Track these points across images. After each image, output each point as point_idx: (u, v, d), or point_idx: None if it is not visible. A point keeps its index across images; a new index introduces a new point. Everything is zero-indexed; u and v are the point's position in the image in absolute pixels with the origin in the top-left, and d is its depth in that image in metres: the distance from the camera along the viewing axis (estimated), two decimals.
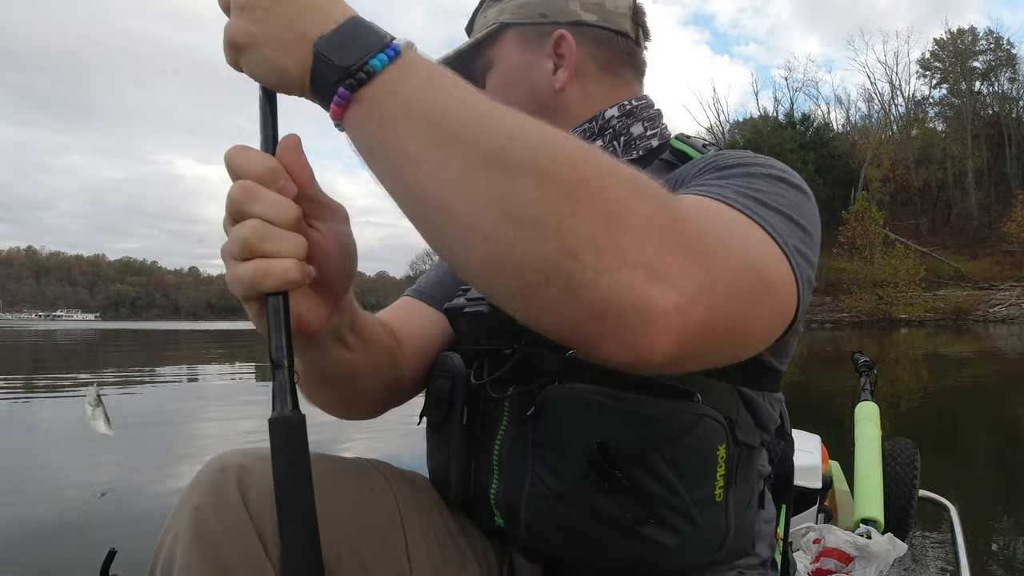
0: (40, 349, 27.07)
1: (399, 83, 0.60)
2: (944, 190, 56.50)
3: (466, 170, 0.55)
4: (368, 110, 0.61)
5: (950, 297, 43.06)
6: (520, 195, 0.53)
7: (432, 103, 0.59)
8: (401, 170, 0.59)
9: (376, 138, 0.60)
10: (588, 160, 0.56)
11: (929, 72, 60.99)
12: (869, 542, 1.64)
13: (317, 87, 0.63)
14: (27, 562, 3.31)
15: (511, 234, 0.53)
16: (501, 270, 0.55)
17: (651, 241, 0.53)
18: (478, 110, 0.59)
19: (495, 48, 1.09)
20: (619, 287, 0.52)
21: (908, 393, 10.59)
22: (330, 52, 0.62)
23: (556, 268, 0.52)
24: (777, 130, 55.89)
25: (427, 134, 0.58)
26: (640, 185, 0.56)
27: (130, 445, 5.92)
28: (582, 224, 0.52)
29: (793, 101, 66.18)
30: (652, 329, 0.53)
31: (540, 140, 0.56)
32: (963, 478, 5.33)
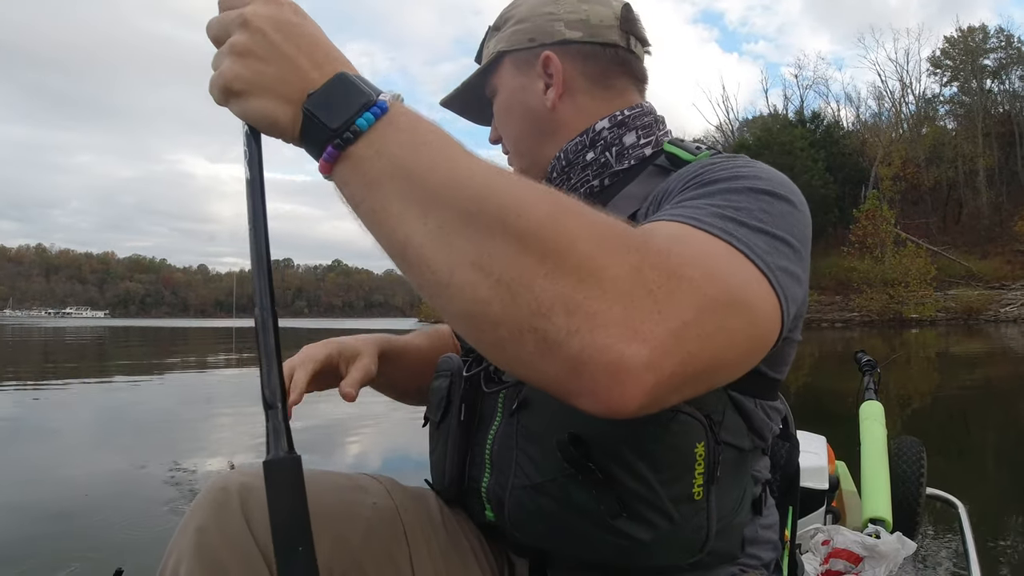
0: (50, 346, 27.03)
1: (383, 142, 0.62)
2: (955, 189, 56.13)
3: (443, 229, 0.57)
4: (353, 168, 0.63)
5: (961, 297, 42.80)
6: (494, 255, 0.55)
7: (413, 162, 0.61)
8: (383, 226, 0.61)
9: (360, 195, 0.62)
10: (560, 220, 0.57)
11: (940, 70, 60.65)
12: (878, 542, 1.63)
13: (306, 142, 0.65)
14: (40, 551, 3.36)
15: (486, 293, 0.55)
16: (478, 325, 0.56)
17: (622, 299, 0.54)
18: (455, 169, 0.60)
19: (496, 76, 1.14)
20: (591, 348, 0.53)
21: (919, 394, 10.55)
22: (319, 111, 0.64)
23: (530, 328, 0.54)
24: (787, 128, 55.44)
25: (407, 193, 0.60)
26: (612, 240, 0.57)
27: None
28: (554, 285, 0.54)
29: (803, 99, 65.99)
30: (625, 386, 0.54)
31: (514, 200, 0.58)
32: (975, 478, 5.29)
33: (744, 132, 62.80)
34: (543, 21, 1.10)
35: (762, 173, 0.83)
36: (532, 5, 1.12)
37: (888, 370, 2.73)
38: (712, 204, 0.74)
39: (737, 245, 0.67)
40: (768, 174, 0.83)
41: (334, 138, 0.63)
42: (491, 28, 1.18)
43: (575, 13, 1.10)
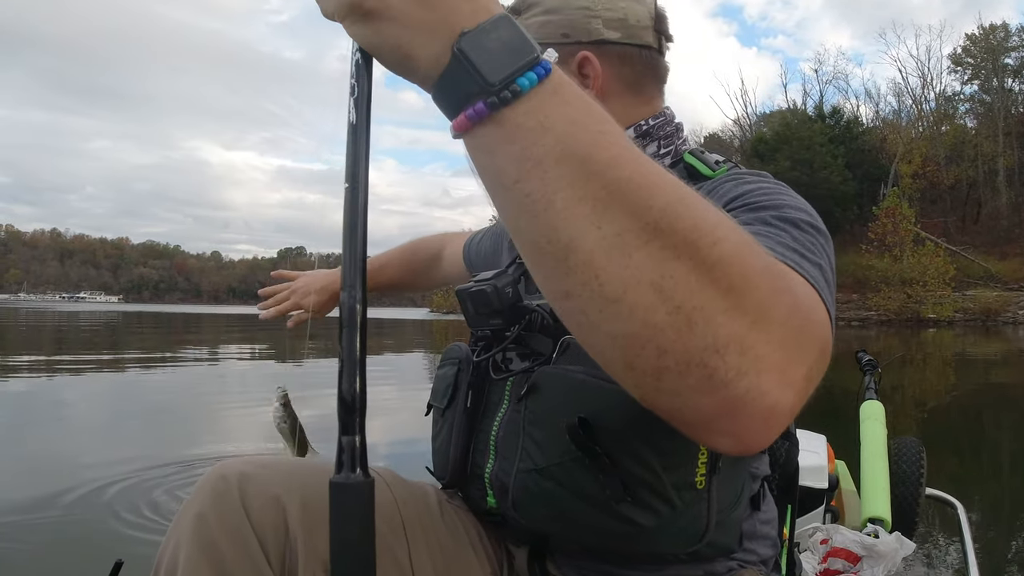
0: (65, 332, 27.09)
1: (548, 113, 0.51)
2: (974, 188, 55.50)
3: (625, 238, 0.50)
4: (509, 136, 0.51)
5: (979, 297, 42.37)
6: (679, 278, 0.50)
7: (591, 148, 0.51)
8: (542, 216, 0.51)
9: (516, 173, 0.51)
10: (746, 253, 0.53)
11: (960, 68, 59.94)
12: (877, 541, 1.64)
13: (446, 91, 0.53)
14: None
15: (662, 319, 0.50)
16: (641, 350, 0.51)
17: (783, 344, 0.53)
18: (643, 170, 0.52)
19: None
20: (755, 391, 0.51)
21: (936, 395, 10.53)
22: (476, 55, 0.51)
23: (700, 362, 0.50)
24: (806, 123, 54.76)
25: (583, 186, 0.50)
26: (778, 281, 0.55)
27: None
28: (734, 322, 0.50)
29: (823, 94, 65.25)
30: (770, 428, 0.54)
31: (707, 223, 0.52)
32: (986, 481, 5.27)
33: (762, 126, 62.36)
34: (579, 16, 1.03)
35: (800, 202, 0.85)
36: (553, 6, 1.04)
37: (894, 370, 2.60)
38: (777, 233, 0.76)
39: (814, 284, 0.66)
40: (804, 204, 0.85)
41: (488, 94, 0.50)
42: (507, 10, 0.95)
43: (613, 11, 1.03)
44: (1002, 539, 3.78)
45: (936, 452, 6.25)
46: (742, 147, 61.65)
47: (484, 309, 0.98)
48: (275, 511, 0.86)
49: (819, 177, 49.05)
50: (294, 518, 0.87)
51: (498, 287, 0.97)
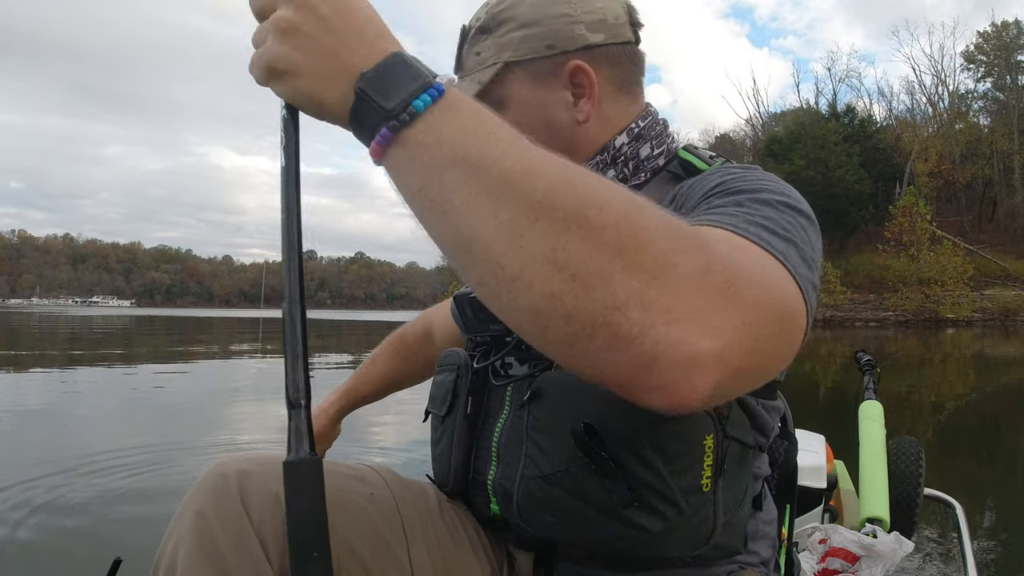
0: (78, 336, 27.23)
1: (443, 126, 0.59)
2: (990, 187, 55.04)
3: (516, 221, 0.55)
4: (411, 153, 0.59)
5: (998, 297, 42.00)
6: (570, 249, 0.54)
7: (479, 150, 0.57)
8: (445, 217, 0.58)
9: (419, 183, 0.59)
10: (636, 216, 0.56)
11: (973, 65, 59.51)
12: (875, 541, 1.63)
13: (357, 123, 0.62)
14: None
15: (559, 287, 0.53)
16: (547, 321, 0.55)
17: (695, 294, 0.55)
18: (525, 157, 0.58)
19: (502, 87, 1.00)
20: (665, 342, 0.53)
21: (954, 396, 10.56)
22: (373, 90, 0.60)
23: (603, 323, 0.53)
24: (820, 122, 54.35)
25: (474, 183, 0.56)
26: (684, 239, 0.58)
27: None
28: (631, 280, 0.53)
29: (836, 92, 64.83)
30: (693, 379, 0.55)
31: (590, 192, 0.56)
32: (1000, 483, 5.32)
33: (774, 125, 62.07)
34: (560, 24, 1.00)
35: (783, 187, 0.84)
36: (537, 4, 1.00)
37: (912, 371, 2.58)
38: (748, 212, 0.75)
39: (778, 257, 0.68)
40: (787, 188, 0.84)
41: (389, 119, 0.59)
42: (476, 30, 1.04)
43: (593, 13, 1.01)
44: (1000, 538, 3.79)
45: (947, 453, 6.29)
46: (755, 147, 61.43)
47: (485, 314, 0.98)
48: (274, 508, 0.85)
49: (834, 176, 48.80)
50: None
51: None
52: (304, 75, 0.62)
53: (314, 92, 0.62)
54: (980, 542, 3.57)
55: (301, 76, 0.62)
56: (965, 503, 2.32)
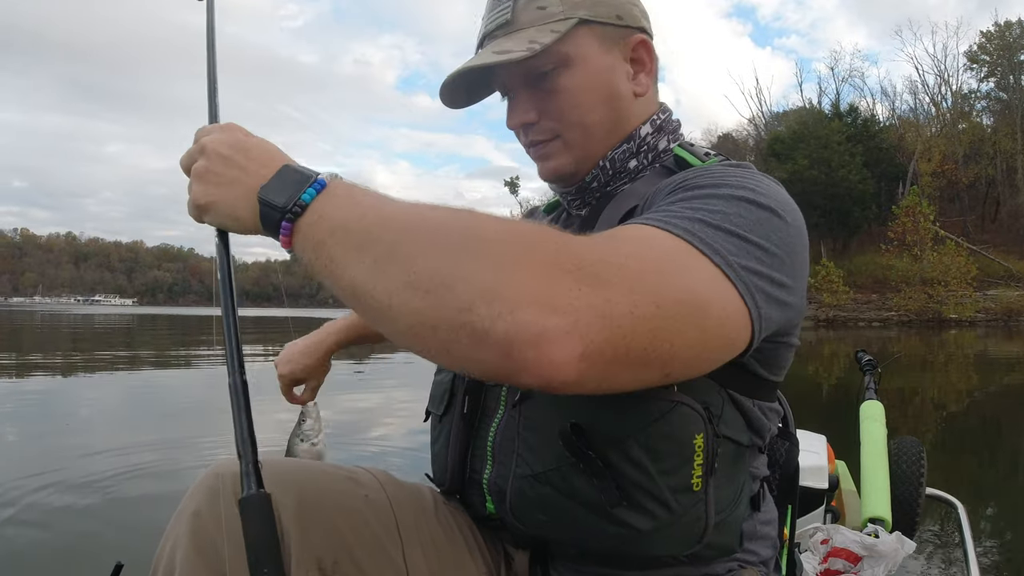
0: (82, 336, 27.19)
1: (324, 208, 0.73)
2: (993, 187, 54.84)
3: (377, 262, 0.66)
4: (303, 236, 0.73)
5: (1001, 297, 41.73)
6: (420, 271, 0.63)
7: (347, 216, 0.71)
8: (332, 275, 0.70)
9: (312, 256, 0.72)
10: (475, 228, 0.66)
11: (976, 65, 59.29)
12: (877, 541, 1.64)
13: (266, 226, 0.77)
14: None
15: (420, 304, 0.63)
16: (422, 334, 0.64)
17: (537, 280, 0.61)
18: (382, 211, 0.70)
19: (570, 43, 0.99)
20: (515, 327, 0.59)
21: (956, 397, 10.55)
22: (270, 196, 0.76)
23: (460, 324, 0.60)
24: (823, 121, 54.12)
25: (345, 242, 0.70)
26: (524, 238, 0.65)
27: None
28: (472, 282, 0.61)
29: (839, 92, 64.60)
30: (552, 356, 0.59)
31: (434, 222, 0.68)
32: (1003, 483, 5.32)
33: (777, 125, 61.87)
34: (624, 2, 1.03)
35: (750, 183, 0.84)
36: None
37: (914, 371, 2.58)
38: (688, 207, 0.78)
39: (698, 245, 0.71)
40: (757, 185, 0.84)
41: (285, 213, 0.74)
42: None
43: (638, 5, 1.06)
44: (1003, 538, 3.79)
45: (950, 454, 6.28)
46: (757, 146, 61.27)
47: None
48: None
49: (837, 176, 48.66)
50: (289, 518, 0.89)
51: None
52: (221, 202, 0.81)
53: (230, 211, 0.80)
54: (982, 542, 3.57)
55: (219, 203, 0.81)
56: (967, 503, 2.32)
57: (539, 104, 1.02)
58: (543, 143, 1.04)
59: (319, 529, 0.90)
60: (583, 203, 1.10)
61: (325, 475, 0.99)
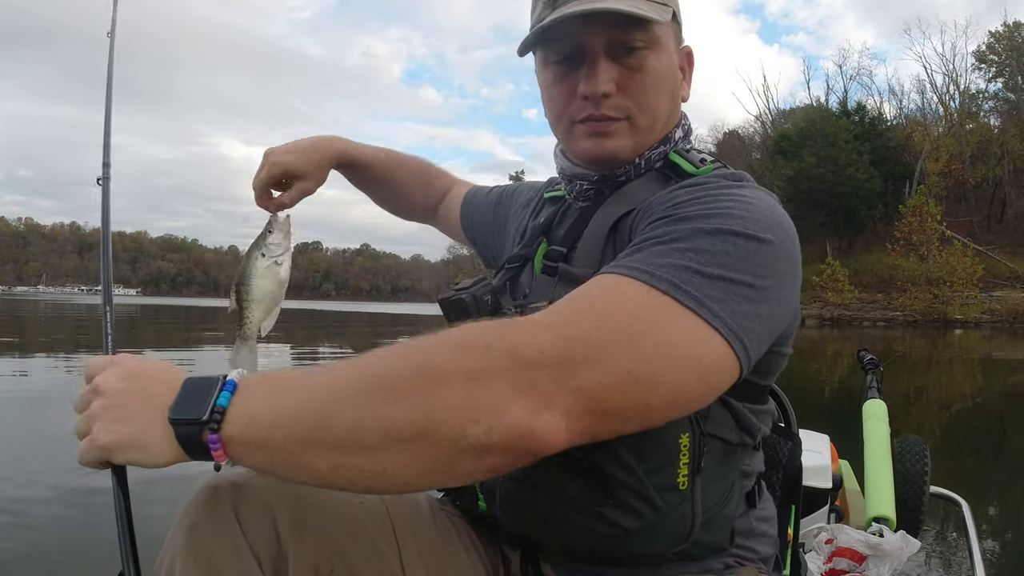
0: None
1: (249, 405, 0.70)
2: (1000, 187, 54.61)
3: (349, 435, 0.66)
4: (242, 441, 0.69)
5: (1007, 299, 41.48)
6: (398, 426, 0.65)
7: (282, 405, 0.69)
8: (302, 465, 0.68)
9: (262, 455, 0.70)
10: (422, 370, 0.67)
11: (985, 65, 59.02)
12: (882, 540, 1.63)
13: (189, 448, 0.72)
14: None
15: (412, 454, 0.66)
16: (425, 475, 0.67)
17: (508, 383, 0.66)
18: (317, 385, 0.70)
19: (662, 30, 0.99)
20: (507, 431, 0.65)
21: (961, 397, 10.65)
22: (183, 414, 0.71)
23: (460, 451, 0.65)
24: (831, 119, 53.94)
25: (298, 430, 0.68)
26: (470, 351, 0.68)
27: None
28: (453, 414, 0.65)
29: (847, 90, 64.33)
30: (543, 438, 0.66)
31: (379, 379, 0.68)
32: (1007, 482, 5.36)
33: (784, 123, 61.63)
34: (679, 14, 1.06)
35: (737, 210, 0.82)
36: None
37: (920, 371, 2.56)
38: (674, 249, 0.78)
39: (682, 299, 0.73)
40: (746, 211, 0.82)
41: (208, 424, 0.69)
42: None
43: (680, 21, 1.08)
44: (1008, 536, 3.82)
45: (954, 454, 6.27)
46: (764, 143, 61.08)
47: (463, 317, 0.99)
48: (267, 520, 0.88)
49: (844, 174, 48.57)
50: (285, 526, 0.88)
51: (476, 296, 1.01)
52: (127, 436, 0.73)
53: (140, 444, 0.73)
54: (987, 540, 3.58)
55: (126, 438, 0.73)
56: (972, 501, 2.32)
57: (619, 78, 0.98)
58: (610, 120, 1.00)
59: (315, 536, 0.90)
60: (595, 194, 1.07)
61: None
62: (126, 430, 0.73)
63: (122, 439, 0.73)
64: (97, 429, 0.74)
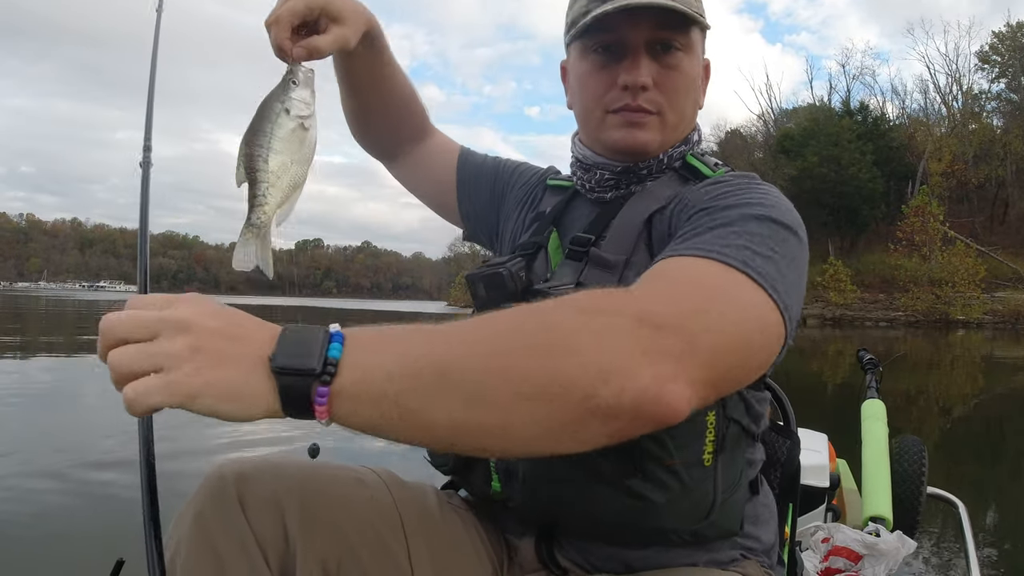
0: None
1: (362, 360, 0.64)
2: (1002, 188, 54.49)
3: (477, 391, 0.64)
4: (353, 397, 0.64)
5: (1009, 300, 41.44)
6: (529, 382, 0.64)
7: (400, 360, 0.64)
8: (420, 423, 0.64)
9: (375, 412, 0.64)
10: (548, 330, 0.67)
11: (988, 65, 58.89)
12: (878, 540, 1.64)
13: (291, 401, 0.64)
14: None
15: (542, 411, 0.64)
16: (550, 434, 0.65)
17: (638, 346, 0.66)
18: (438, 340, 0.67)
19: (696, 36, 1.07)
20: (639, 393, 0.64)
21: (961, 398, 10.69)
22: (291, 363, 0.63)
23: (589, 411, 0.64)
24: (833, 119, 53.82)
25: (418, 386, 0.63)
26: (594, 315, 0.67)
27: None
28: (584, 373, 0.64)
29: (850, 89, 64.20)
30: (672, 405, 0.66)
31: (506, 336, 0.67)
32: (1005, 484, 5.35)
33: (786, 122, 61.51)
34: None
35: (770, 198, 0.91)
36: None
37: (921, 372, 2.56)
38: (730, 232, 0.84)
39: (754, 276, 0.77)
40: (776, 201, 0.91)
41: (321, 375, 0.63)
42: None
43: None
44: (1005, 537, 3.83)
45: (953, 454, 6.27)
46: (766, 142, 60.98)
47: (497, 292, 0.99)
48: (273, 511, 0.88)
49: (847, 174, 48.46)
50: (292, 518, 0.88)
51: (512, 271, 1.00)
52: (219, 383, 0.63)
53: (232, 394, 0.63)
54: (984, 541, 3.59)
55: (217, 384, 0.63)
56: (970, 503, 2.32)
57: (656, 75, 1.04)
58: (644, 112, 1.05)
59: (324, 531, 0.90)
60: (616, 186, 1.10)
61: (330, 477, 0.98)
62: (222, 376, 0.63)
63: (215, 386, 0.63)
64: (183, 370, 0.63)
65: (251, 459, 0.94)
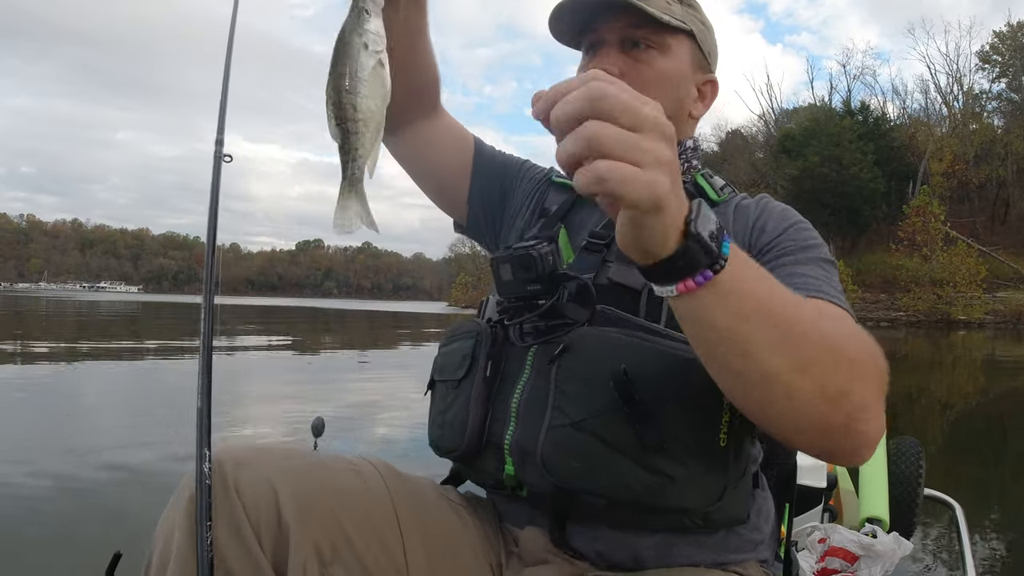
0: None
1: (742, 275, 0.67)
2: (1003, 188, 54.47)
3: (797, 366, 0.70)
4: (721, 297, 0.66)
5: (1010, 300, 41.41)
6: (832, 379, 0.72)
7: (768, 301, 0.70)
8: (750, 357, 0.70)
9: (726, 323, 0.67)
10: (870, 351, 0.77)
11: (988, 65, 58.86)
12: (875, 541, 1.65)
13: (679, 259, 0.64)
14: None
15: (820, 407, 0.72)
16: (805, 423, 0.74)
17: (879, 392, 0.76)
18: (795, 306, 0.73)
19: (675, 40, 1.12)
20: (874, 431, 0.76)
21: (962, 399, 10.61)
22: (703, 234, 0.63)
23: (849, 429, 0.74)
24: (834, 119, 53.63)
25: (773, 331, 0.69)
26: (866, 354, 0.77)
27: None
28: (858, 397, 0.74)
29: (851, 89, 64.11)
30: (874, 442, 0.77)
31: (844, 333, 0.78)
32: (1003, 486, 5.34)
33: (787, 122, 61.46)
34: (713, 49, 1.19)
35: (819, 239, 1.03)
36: (708, 26, 1.18)
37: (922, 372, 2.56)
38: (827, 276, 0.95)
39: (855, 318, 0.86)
40: (819, 239, 1.04)
41: (714, 263, 0.64)
42: None
43: (715, 54, 1.20)
44: (1001, 540, 3.80)
45: (951, 456, 6.27)
46: (767, 142, 60.94)
47: (525, 274, 0.99)
48: (268, 497, 0.88)
49: (848, 174, 48.35)
50: (287, 504, 0.89)
51: (542, 253, 0.99)
52: (674, 205, 0.62)
53: (672, 224, 0.62)
54: (981, 543, 3.58)
55: (673, 205, 0.62)
56: (971, 504, 2.34)
57: (623, 66, 1.09)
58: None
59: (319, 519, 0.90)
60: None
61: (326, 466, 0.99)
62: (677, 203, 0.63)
63: (673, 204, 0.62)
64: (663, 176, 0.60)
65: (248, 445, 0.95)
